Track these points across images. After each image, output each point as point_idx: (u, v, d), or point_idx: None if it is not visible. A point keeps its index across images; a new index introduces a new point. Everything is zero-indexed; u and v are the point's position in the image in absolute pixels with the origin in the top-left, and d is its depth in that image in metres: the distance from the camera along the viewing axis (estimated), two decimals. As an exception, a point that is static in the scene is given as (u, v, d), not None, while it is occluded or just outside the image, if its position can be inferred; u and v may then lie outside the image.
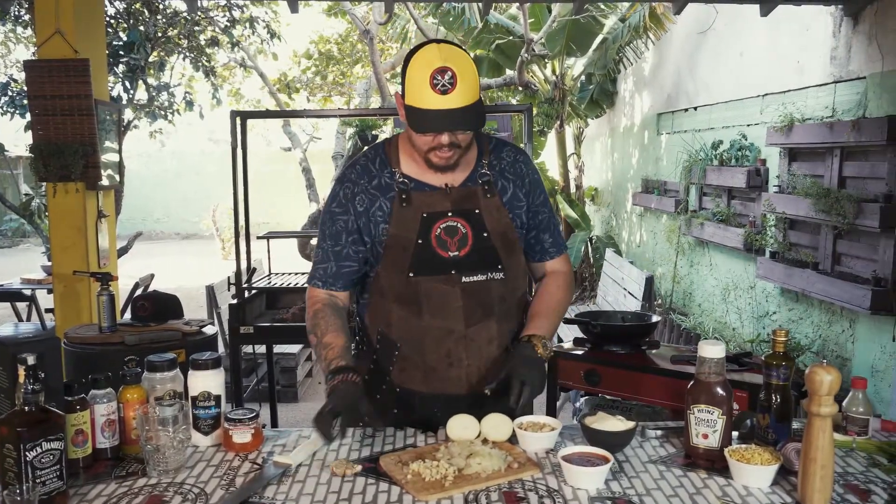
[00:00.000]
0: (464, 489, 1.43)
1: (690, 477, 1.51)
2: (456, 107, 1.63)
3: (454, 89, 1.61)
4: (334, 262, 1.83)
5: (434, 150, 1.70)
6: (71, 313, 4.23)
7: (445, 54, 1.63)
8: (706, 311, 6.10)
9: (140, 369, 1.68)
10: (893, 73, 3.78)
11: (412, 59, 1.66)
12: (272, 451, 1.65)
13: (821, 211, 4.10)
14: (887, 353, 3.84)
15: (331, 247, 1.83)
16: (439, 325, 1.76)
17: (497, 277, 1.79)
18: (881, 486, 1.47)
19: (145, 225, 15.90)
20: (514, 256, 1.83)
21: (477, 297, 1.77)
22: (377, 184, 1.80)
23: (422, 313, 1.77)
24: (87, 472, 1.54)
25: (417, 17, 7.03)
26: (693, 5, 4.97)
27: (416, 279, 1.75)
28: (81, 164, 4.05)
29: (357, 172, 1.82)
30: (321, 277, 1.85)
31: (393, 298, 1.79)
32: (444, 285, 1.75)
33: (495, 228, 1.79)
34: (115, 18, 6.37)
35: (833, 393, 1.35)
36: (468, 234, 1.76)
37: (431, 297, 1.76)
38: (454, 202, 1.78)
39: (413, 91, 1.65)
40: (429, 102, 1.63)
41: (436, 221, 1.76)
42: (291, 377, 5.40)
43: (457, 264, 1.76)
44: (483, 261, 1.78)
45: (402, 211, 1.76)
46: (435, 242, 1.75)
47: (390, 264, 1.78)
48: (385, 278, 1.79)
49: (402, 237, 1.76)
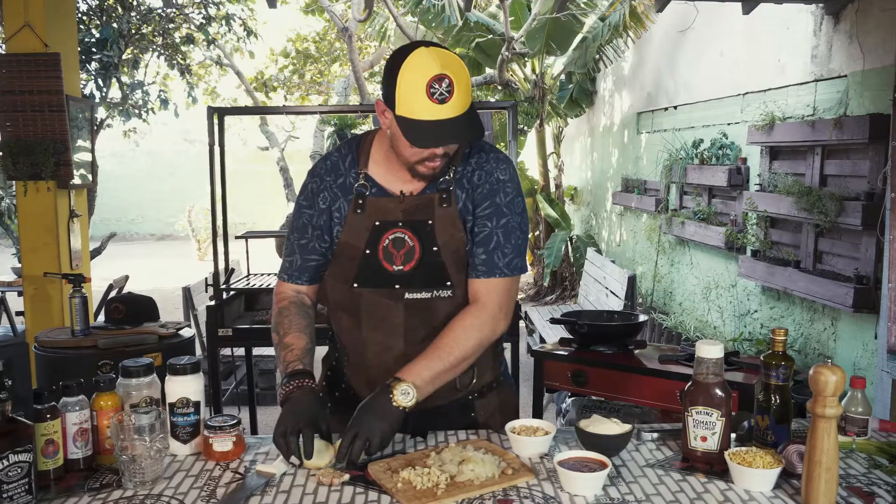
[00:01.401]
0: (457, 497, 1.38)
1: (690, 481, 1.46)
2: (454, 116, 1.52)
3: (452, 97, 1.51)
4: (300, 255, 1.75)
5: (424, 161, 1.60)
6: (42, 316, 4.11)
7: (441, 60, 1.51)
8: (687, 310, 6.10)
9: (114, 375, 1.60)
10: (874, 71, 3.79)
11: (403, 65, 1.52)
12: (255, 459, 1.58)
13: (802, 209, 4.10)
14: (869, 350, 3.84)
15: (297, 239, 1.75)
16: (379, 340, 1.68)
17: (444, 295, 1.67)
18: (885, 488, 1.43)
19: (119, 226, 15.65)
20: (466, 273, 1.69)
21: (420, 314, 1.66)
22: (342, 182, 1.71)
23: (362, 326, 1.69)
24: (59, 484, 1.46)
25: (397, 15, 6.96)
26: (673, 4, 4.97)
27: (358, 290, 1.67)
28: (52, 161, 3.94)
29: (326, 168, 1.73)
30: (287, 271, 1.78)
31: (336, 308, 1.74)
32: (386, 299, 1.66)
33: (447, 243, 1.65)
34: (87, 15, 6.24)
35: (838, 394, 1.31)
36: (415, 247, 1.65)
37: (372, 311, 1.67)
38: (406, 212, 1.66)
39: (406, 101, 1.52)
40: (426, 113, 1.51)
41: (386, 231, 1.66)
42: (270, 379, 5.30)
43: (401, 279, 1.65)
44: (430, 277, 1.66)
45: (354, 218, 1.67)
46: (381, 254, 1.65)
47: (335, 273, 1.71)
48: (329, 286, 1.73)
49: (351, 245, 1.67)
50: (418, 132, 1.53)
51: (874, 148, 3.70)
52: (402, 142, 1.57)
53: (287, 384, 1.60)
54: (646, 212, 6.80)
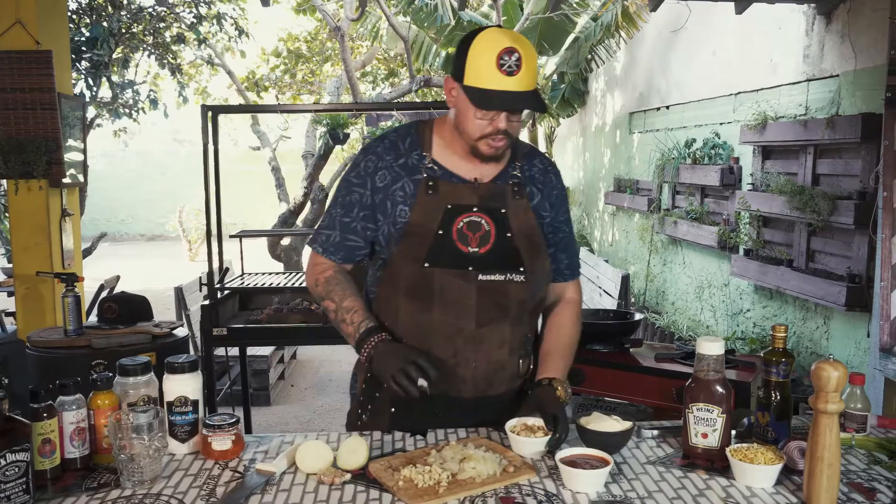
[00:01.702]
0: (459, 495, 1.37)
1: (691, 478, 1.46)
2: (523, 89, 1.59)
3: (519, 72, 1.57)
4: (339, 231, 1.76)
5: (487, 137, 1.65)
6: (34, 316, 4.07)
7: (513, 37, 1.59)
8: (680, 310, 6.12)
9: (111, 373, 1.59)
10: (866, 71, 3.81)
11: (474, 40, 1.60)
12: (254, 458, 1.57)
13: (795, 208, 4.11)
14: (862, 349, 3.86)
15: (340, 216, 1.76)
16: (449, 321, 1.69)
17: (517, 279, 1.71)
18: (885, 483, 1.44)
19: (109, 226, 15.56)
20: (539, 260, 1.75)
21: (493, 296, 1.69)
22: (403, 163, 1.73)
23: (432, 307, 1.69)
24: (56, 484, 1.44)
25: (389, 14, 6.94)
26: (666, 4, 4.97)
27: (430, 270, 1.67)
28: (44, 160, 3.90)
29: (384, 147, 1.75)
30: (322, 244, 1.79)
31: (404, 289, 1.71)
32: (459, 280, 1.68)
33: (520, 229, 1.72)
34: (77, 13, 6.19)
35: (840, 389, 1.32)
36: (491, 231, 1.70)
37: (444, 291, 1.68)
38: (481, 198, 1.71)
39: (476, 71, 1.59)
40: (494, 83, 1.58)
41: (460, 214, 1.69)
42: (264, 380, 5.28)
43: (476, 261, 1.68)
44: (504, 260, 1.70)
45: (426, 198, 1.70)
46: (455, 235, 1.68)
47: (405, 252, 1.69)
48: (399, 266, 1.71)
49: (423, 225, 1.68)
50: (485, 98, 1.59)
51: (866, 147, 3.72)
52: (467, 115, 1.64)
53: (366, 341, 1.64)
54: (638, 211, 6.82)
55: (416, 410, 1.70)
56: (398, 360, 1.57)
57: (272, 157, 8.42)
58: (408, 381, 1.54)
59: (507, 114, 1.63)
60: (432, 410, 1.71)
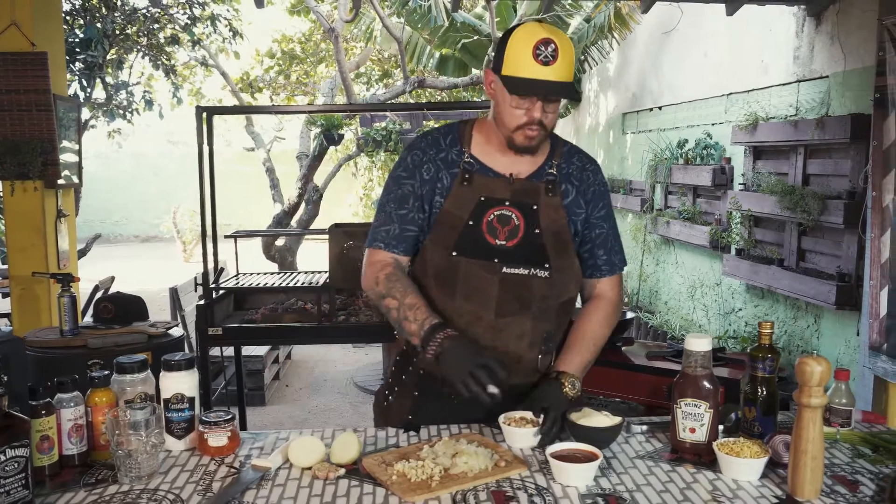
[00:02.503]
0: (451, 489, 1.40)
1: (679, 472, 1.49)
2: (558, 79, 1.64)
3: (555, 62, 1.62)
4: (398, 224, 1.79)
5: (523, 127, 1.69)
6: (29, 317, 4.08)
7: (548, 29, 1.65)
8: (673, 309, 6.16)
9: (108, 371, 1.61)
10: (855, 71, 3.85)
11: (513, 33, 1.67)
12: (250, 454, 1.59)
13: (785, 208, 4.15)
14: (852, 347, 3.90)
15: (395, 209, 1.79)
16: (471, 309, 1.73)
17: (540, 275, 1.74)
18: (868, 476, 1.47)
19: (103, 227, 15.52)
20: (565, 258, 1.78)
21: (515, 290, 1.73)
22: (444, 157, 1.79)
23: (455, 294, 1.73)
24: (54, 480, 1.47)
25: (383, 16, 6.97)
26: (658, 6, 5.01)
27: (457, 258, 1.72)
28: (40, 161, 3.91)
29: (427, 142, 1.82)
30: (384, 239, 1.80)
31: (432, 275, 1.76)
32: (483, 271, 1.72)
33: (549, 227, 1.76)
34: (71, 14, 6.20)
35: (823, 384, 1.35)
36: (520, 226, 1.74)
37: (468, 280, 1.72)
38: (514, 192, 1.76)
39: (513, 61, 1.64)
40: (530, 72, 1.63)
41: (491, 207, 1.74)
42: (259, 380, 5.30)
43: (501, 253, 1.73)
44: (529, 256, 1.74)
45: (460, 189, 1.75)
46: (485, 227, 1.73)
47: (436, 240, 1.75)
48: (429, 253, 1.76)
49: (454, 215, 1.74)
50: (521, 85, 1.64)
51: (855, 147, 3.76)
52: (504, 104, 1.69)
53: (433, 338, 1.62)
54: (631, 211, 6.86)
55: (438, 397, 1.77)
56: (468, 363, 1.56)
57: (266, 157, 8.43)
58: (479, 387, 1.53)
59: (543, 104, 1.67)
60: (452, 399, 1.73)
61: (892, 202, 3.27)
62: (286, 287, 3.92)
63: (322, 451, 1.52)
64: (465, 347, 1.61)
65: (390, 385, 1.89)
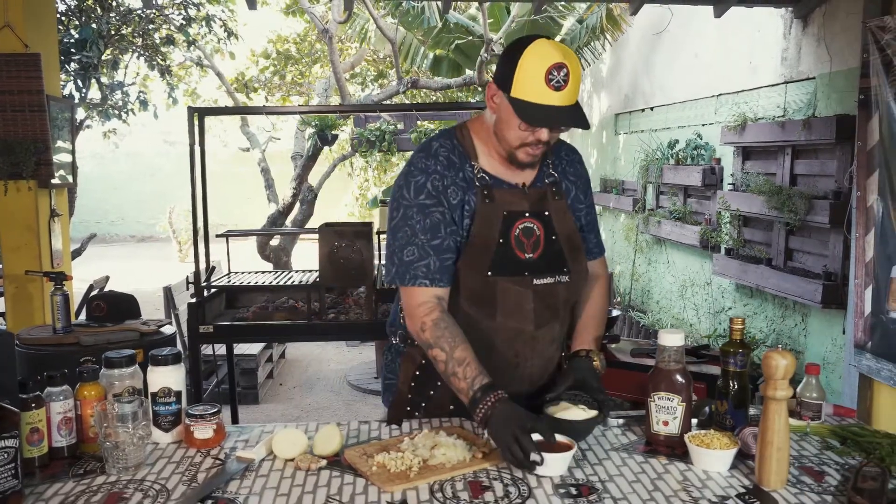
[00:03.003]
0: (429, 479, 1.44)
1: (652, 463, 1.54)
2: (567, 104, 1.62)
3: (566, 87, 1.60)
4: (435, 256, 1.71)
5: (527, 146, 1.68)
6: (23, 315, 4.11)
7: (562, 51, 1.60)
8: (664, 308, 6.21)
9: (98, 366, 1.65)
10: (841, 73, 3.90)
11: (525, 51, 1.60)
12: (235, 446, 1.63)
13: (773, 208, 4.20)
14: (838, 345, 3.95)
15: (427, 241, 1.71)
16: (512, 325, 1.74)
17: (563, 280, 1.77)
18: (834, 467, 1.51)
19: (99, 227, 15.55)
20: (579, 260, 1.82)
21: (546, 299, 1.75)
22: (462, 176, 1.74)
23: (496, 314, 1.73)
24: (44, 471, 1.51)
25: (377, 17, 7.00)
26: (648, 7, 5.06)
27: (493, 279, 1.70)
28: (33, 161, 3.95)
29: (442, 164, 1.74)
30: (426, 276, 1.70)
31: (468, 297, 1.73)
32: (518, 287, 1.72)
33: (563, 231, 1.79)
34: (66, 15, 6.22)
35: (788, 377, 1.39)
36: (541, 235, 1.76)
37: (507, 298, 1.72)
38: (531, 202, 1.77)
39: (525, 84, 1.60)
40: (543, 98, 1.60)
41: (515, 221, 1.74)
42: (252, 379, 5.34)
43: (530, 266, 1.74)
44: (552, 263, 1.76)
45: (485, 208, 1.72)
46: (514, 243, 1.73)
47: (470, 263, 1.71)
48: (463, 277, 1.72)
49: (486, 235, 1.71)
50: (532, 113, 1.61)
51: (841, 148, 3.81)
52: (510, 124, 1.66)
53: (484, 400, 1.56)
54: (624, 211, 6.90)
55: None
56: (512, 428, 1.50)
57: (261, 158, 8.46)
58: (522, 454, 1.46)
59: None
60: None
61: (876, 202, 3.31)
62: (277, 285, 3.96)
63: (305, 444, 1.56)
64: (513, 412, 1.54)
65: (412, 401, 1.82)
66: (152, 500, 1.37)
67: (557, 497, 1.38)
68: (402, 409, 1.83)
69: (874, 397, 3.47)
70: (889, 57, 3.16)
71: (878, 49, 3.22)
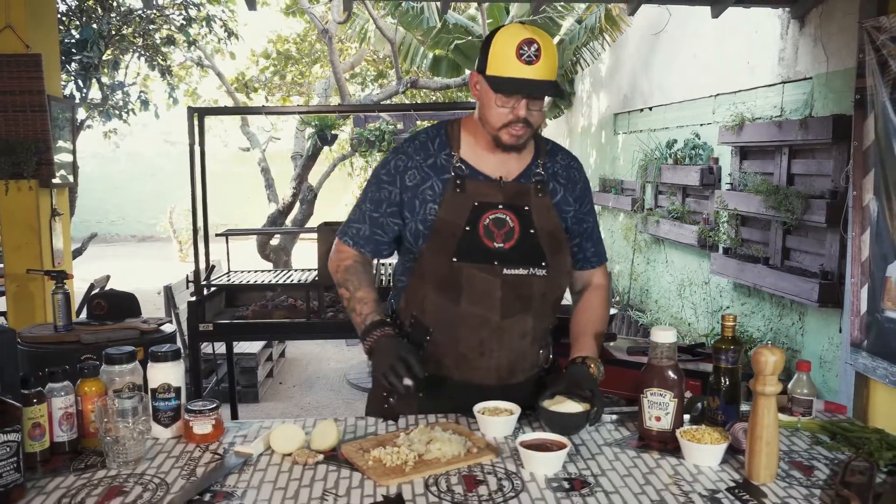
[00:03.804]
0: (424, 474, 1.46)
1: (644, 458, 1.56)
2: (541, 78, 1.68)
3: (538, 61, 1.67)
4: (368, 225, 1.86)
5: (508, 126, 1.73)
6: (24, 314, 4.14)
7: (531, 29, 1.70)
8: (663, 307, 6.23)
9: (98, 362, 1.67)
10: (837, 73, 3.92)
11: (496, 34, 1.72)
12: (233, 441, 1.65)
13: (770, 207, 4.22)
14: (834, 344, 3.97)
15: (369, 210, 1.86)
16: (476, 313, 1.77)
17: (539, 274, 1.79)
18: (823, 462, 1.54)
19: (100, 227, 15.58)
20: (560, 256, 1.84)
21: (516, 290, 1.78)
22: (432, 163, 1.82)
23: (460, 300, 1.77)
24: (45, 465, 1.53)
25: (376, 17, 7.03)
26: (647, 7, 5.07)
27: (458, 265, 1.76)
28: (34, 161, 3.97)
29: (415, 147, 1.84)
30: (353, 236, 1.89)
31: (433, 283, 1.79)
32: (485, 274, 1.76)
33: (543, 226, 1.81)
34: (66, 15, 6.25)
35: (777, 373, 1.41)
36: (515, 227, 1.79)
37: (472, 285, 1.76)
38: (506, 195, 1.80)
39: (497, 61, 1.69)
40: (514, 71, 1.67)
41: (486, 211, 1.78)
42: (252, 377, 5.36)
43: (501, 256, 1.77)
44: (527, 256, 1.79)
45: (455, 196, 1.78)
46: (482, 231, 1.77)
47: (435, 248, 1.78)
48: (428, 260, 1.79)
49: (451, 222, 1.77)
50: (505, 84, 1.69)
51: (837, 148, 3.83)
52: (489, 104, 1.73)
53: (370, 334, 1.75)
54: (623, 211, 6.92)
55: (444, 397, 1.82)
56: (390, 357, 1.67)
57: (262, 157, 8.49)
58: (395, 379, 1.64)
59: (528, 102, 1.71)
60: (460, 397, 1.80)
61: (872, 201, 3.34)
62: (276, 284, 3.99)
63: (302, 438, 1.59)
64: (394, 344, 1.71)
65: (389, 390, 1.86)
66: (152, 494, 1.39)
67: (550, 491, 1.40)
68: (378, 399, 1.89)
69: (870, 395, 3.49)
70: (885, 57, 3.19)
71: (873, 49, 3.24)
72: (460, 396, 1.81)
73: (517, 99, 1.70)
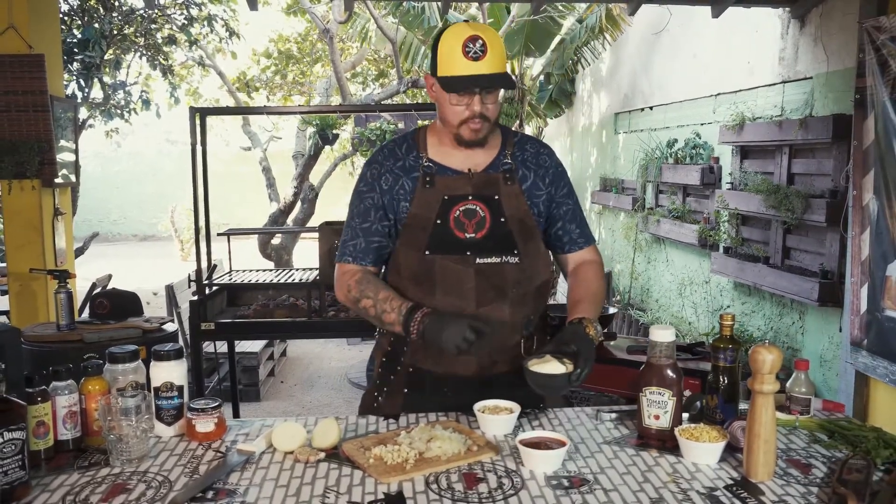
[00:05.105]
0: (424, 471, 1.47)
1: (643, 456, 1.57)
2: (488, 72, 1.73)
3: (485, 57, 1.72)
4: (363, 237, 1.88)
5: (466, 122, 1.78)
6: (27, 313, 4.16)
7: (475, 26, 1.75)
8: (663, 307, 6.24)
9: (101, 361, 1.68)
10: (837, 73, 3.93)
11: (442, 35, 1.77)
12: (236, 439, 1.67)
13: (771, 207, 4.23)
14: (834, 343, 3.98)
15: (359, 224, 1.89)
16: (451, 303, 1.80)
17: (512, 261, 1.83)
18: (821, 460, 1.55)
19: (102, 227, 15.61)
20: (532, 243, 1.87)
21: (490, 279, 1.81)
22: (402, 165, 1.87)
23: (435, 291, 1.81)
24: (49, 464, 1.54)
25: (377, 17, 7.04)
26: (647, 7, 5.08)
27: (431, 257, 1.80)
28: (37, 161, 3.99)
29: (384, 155, 1.90)
30: (351, 253, 1.90)
31: (408, 276, 1.84)
32: (458, 265, 1.80)
33: (513, 214, 1.85)
34: (69, 15, 6.26)
35: (775, 371, 1.42)
36: (486, 217, 1.83)
37: (445, 276, 1.80)
38: (475, 187, 1.85)
39: (446, 61, 1.75)
40: (462, 69, 1.73)
41: (456, 203, 1.83)
42: (253, 376, 5.38)
43: (472, 246, 1.81)
44: (499, 244, 1.82)
45: (424, 192, 1.84)
46: (453, 223, 1.82)
47: (408, 242, 1.84)
48: (402, 255, 1.85)
49: (422, 217, 1.82)
50: (456, 83, 1.75)
51: (837, 147, 3.83)
52: (445, 104, 1.80)
53: (412, 319, 1.73)
54: (623, 210, 6.93)
55: (427, 391, 1.85)
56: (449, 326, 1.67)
57: (263, 157, 8.50)
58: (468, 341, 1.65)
59: (481, 97, 1.76)
60: (442, 391, 1.84)
61: (872, 201, 3.35)
62: (277, 283, 4.00)
63: (304, 437, 1.60)
64: (444, 316, 1.72)
65: (378, 387, 1.94)
66: (155, 492, 1.41)
67: (549, 488, 1.41)
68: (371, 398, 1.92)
69: (870, 394, 3.50)
70: (885, 57, 3.19)
71: (873, 49, 3.25)
72: (441, 389, 1.84)
73: (470, 95, 1.76)
